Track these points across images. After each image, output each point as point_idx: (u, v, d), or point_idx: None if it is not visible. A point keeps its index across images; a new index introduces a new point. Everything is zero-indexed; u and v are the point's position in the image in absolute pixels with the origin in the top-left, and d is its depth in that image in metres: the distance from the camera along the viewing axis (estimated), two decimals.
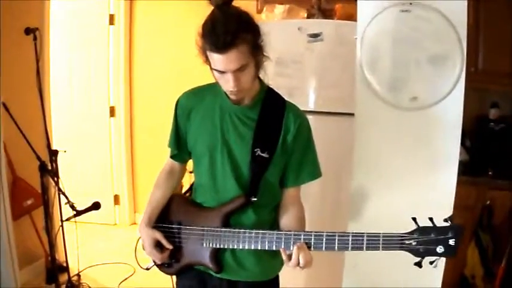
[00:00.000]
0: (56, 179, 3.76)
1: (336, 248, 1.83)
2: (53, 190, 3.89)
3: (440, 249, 1.70)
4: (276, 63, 3.51)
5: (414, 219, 1.72)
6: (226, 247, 2.04)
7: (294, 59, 3.62)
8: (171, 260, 2.20)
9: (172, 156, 2.30)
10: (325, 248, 1.85)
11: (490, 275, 3.71)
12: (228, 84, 1.89)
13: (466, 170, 3.43)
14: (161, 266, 2.26)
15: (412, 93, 3.02)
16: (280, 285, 2.30)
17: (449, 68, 2.97)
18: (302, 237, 1.89)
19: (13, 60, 3.92)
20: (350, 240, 1.79)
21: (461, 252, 3.69)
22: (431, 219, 1.71)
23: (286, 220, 2.11)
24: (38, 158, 3.66)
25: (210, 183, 2.10)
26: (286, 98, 2.15)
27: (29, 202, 4.12)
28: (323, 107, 3.61)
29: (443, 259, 2.96)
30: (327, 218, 3.68)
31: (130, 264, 4.56)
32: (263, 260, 2.13)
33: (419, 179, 3.08)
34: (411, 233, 1.74)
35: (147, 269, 2.34)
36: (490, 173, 3.96)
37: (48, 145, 3.94)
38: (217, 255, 2.09)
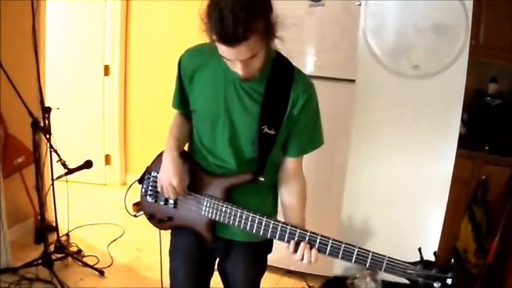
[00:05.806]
0: (48, 136, 3.70)
1: (340, 257, 1.86)
2: (44, 148, 3.84)
3: (437, 284, 1.77)
4: None
5: (419, 250, 1.81)
6: (224, 223, 2.00)
7: (294, 22, 3.57)
8: (165, 217, 2.15)
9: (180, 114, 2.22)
10: (328, 254, 1.88)
11: (482, 250, 3.71)
12: (236, 69, 1.75)
13: (462, 143, 3.40)
14: (152, 220, 2.20)
15: (414, 61, 3.01)
16: (274, 246, 2.29)
17: (452, 38, 2.96)
18: (308, 236, 1.89)
19: (9, 17, 3.84)
20: (355, 254, 1.84)
21: (454, 226, 3.69)
22: (435, 253, 1.87)
23: (288, 195, 2.09)
24: (31, 114, 3.59)
25: (210, 146, 2.04)
26: None
27: (20, 160, 4.07)
28: (321, 71, 3.60)
29: (441, 222, 3.05)
30: (321, 184, 3.68)
31: (119, 225, 4.56)
32: None
33: (418, 149, 3.07)
34: (415, 264, 1.80)
35: (135, 216, 2.28)
36: (486, 147, 3.96)
37: (42, 102, 3.87)
38: (214, 225, 2.06)
